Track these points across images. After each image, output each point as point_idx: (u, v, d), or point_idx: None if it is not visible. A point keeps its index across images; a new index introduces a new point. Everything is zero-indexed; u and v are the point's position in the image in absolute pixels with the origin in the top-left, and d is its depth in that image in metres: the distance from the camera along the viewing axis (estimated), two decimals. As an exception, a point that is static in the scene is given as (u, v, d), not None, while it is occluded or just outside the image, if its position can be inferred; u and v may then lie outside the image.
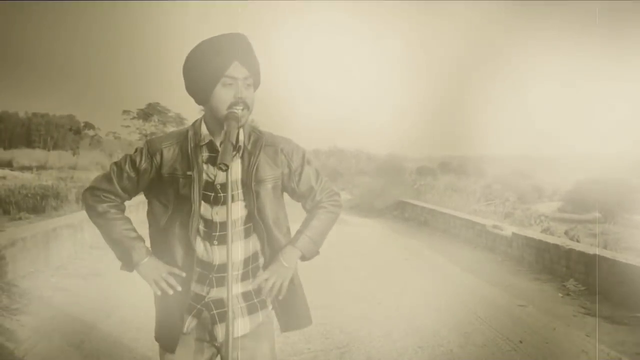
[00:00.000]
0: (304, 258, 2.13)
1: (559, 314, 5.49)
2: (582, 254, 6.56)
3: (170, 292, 2.01)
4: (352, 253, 8.56)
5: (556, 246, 7.09)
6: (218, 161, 1.76)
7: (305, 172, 2.11)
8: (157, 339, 2.11)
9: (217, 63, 1.91)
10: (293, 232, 2.15)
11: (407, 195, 15.64)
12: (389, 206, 14.95)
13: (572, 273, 6.58)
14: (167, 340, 2.05)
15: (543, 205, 19.54)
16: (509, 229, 8.64)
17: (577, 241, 8.78)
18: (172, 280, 2.01)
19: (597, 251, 6.60)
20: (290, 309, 2.17)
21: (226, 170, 1.78)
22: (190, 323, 2.04)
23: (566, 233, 10.85)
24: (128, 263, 2.06)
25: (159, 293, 2.02)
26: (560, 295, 6.17)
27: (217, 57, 1.91)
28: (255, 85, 2.01)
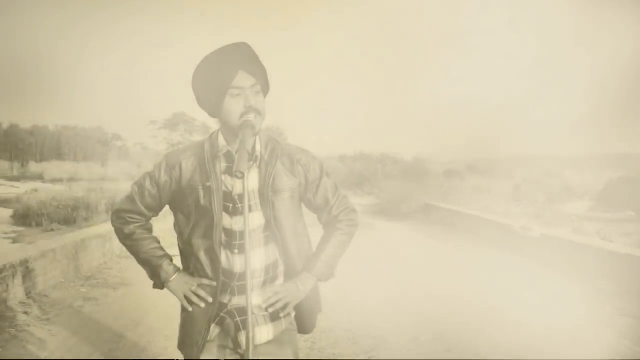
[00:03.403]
0: (319, 280, 2.15)
1: (591, 314, 5.41)
2: (613, 254, 6.46)
3: (202, 304, 2.04)
4: (379, 257, 8.54)
5: (587, 246, 6.99)
6: (234, 169, 1.78)
7: (323, 184, 2.11)
8: (180, 347, 2.13)
9: (223, 75, 1.92)
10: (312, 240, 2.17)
11: (434, 197, 15.57)
12: (415, 209, 14.88)
13: (604, 273, 6.47)
14: (191, 348, 2.06)
15: (573, 205, 19.27)
16: (537, 230, 8.54)
17: (610, 241, 8.65)
18: (202, 292, 2.03)
19: (629, 250, 6.51)
20: (302, 317, 2.19)
21: (242, 178, 1.79)
22: (213, 330, 2.06)
23: (598, 233, 10.69)
24: (158, 281, 2.11)
25: (189, 308, 2.05)
26: (592, 295, 6.08)
27: (221, 69, 1.92)
28: (264, 91, 2.02)
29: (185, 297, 2.06)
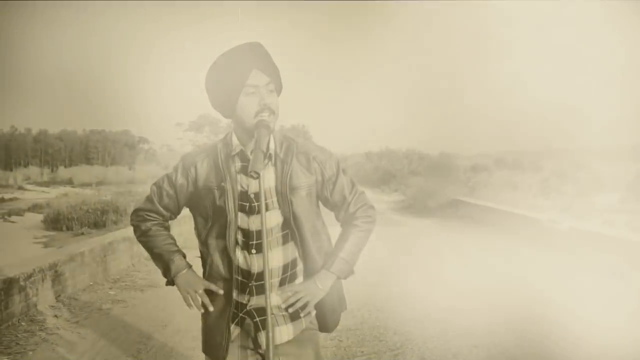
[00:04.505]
0: (339, 278, 2.12)
1: (622, 307, 5.32)
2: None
3: (201, 310, 2.06)
4: (406, 254, 8.50)
5: (616, 238, 6.88)
6: (249, 169, 1.77)
7: (340, 182, 2.09)
8: (205, 351, 2.14)
9: (237, 74, 1.92)
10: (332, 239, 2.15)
11: (461, 193, 15.45)
12: (442, 205, 14.77)
13: (634, 265, 6.36)
14: (216, 350, 2.07)
15: (603, 197, 18.94)
16: (565, 223, 8.42)
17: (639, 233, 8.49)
18: (206, 300, 2.05)
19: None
20: (317, 313, 2.16)
21: (257, 178, 1.78)
22: (233, 331, 2.06)
23: (628, 224, 10.51)
24: (169, 276, 2.12)
25: (190, 307, 2.07)
26: (623, 288, 5.98)
27: (236, 68, 1.92)
28: (277, 90, 2.01)
29: (189, 297, 2.07)
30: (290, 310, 2.04)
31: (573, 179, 20.38)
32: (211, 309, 2.04)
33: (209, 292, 2.07)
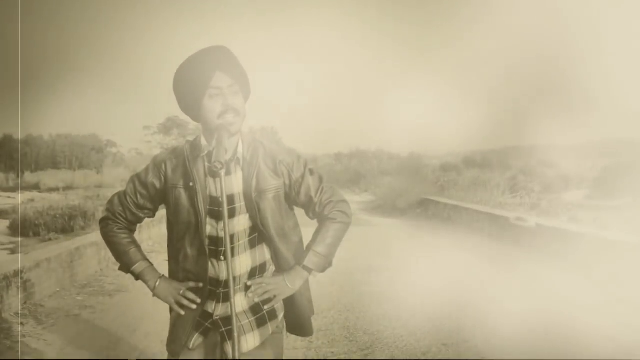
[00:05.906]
0: (316, 271, 2.11)
1: (587, 304, 5.41)
2: (607, 241, 6.46)
3: (193, 307, 2.06)
4: (375, 254, 8.53)
5: (581, 234, 6.99)
6: (212, 160, 1.81)
7: (305, 183, 2.10)
8: (168, 345, 2.18)
9: (201, 76, 1.93)
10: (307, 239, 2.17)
11: (431, 192, 15.55)
12: (411, 205, 14.85)
13: (599, 261, 6.47)
14: (176, 345, 2.11)
15: (570, 194, 19.26)
16: (532, 221, 8.54)
17: (605, 228, 8.65)
18: (191, 296, 2.06)
19: (623, 237, 6.50)
20: (295, 318, 2.20)
21: (221, 169, 1.79)
22: (196, 340, 2.06)
23: (594, 221, 10.69)
24: (124, 267, 2.16)
25: (180, 311, 2.07)
26: (588, 285, 6.08)
27: (199, 71, 1.94)
28: (244, 93, 2.02)
29: (177, 302, 2.07)
30: (256, 299, 2.04)
31: (540, 177, 20.67)
32: (199, 301, 2.04)
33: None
